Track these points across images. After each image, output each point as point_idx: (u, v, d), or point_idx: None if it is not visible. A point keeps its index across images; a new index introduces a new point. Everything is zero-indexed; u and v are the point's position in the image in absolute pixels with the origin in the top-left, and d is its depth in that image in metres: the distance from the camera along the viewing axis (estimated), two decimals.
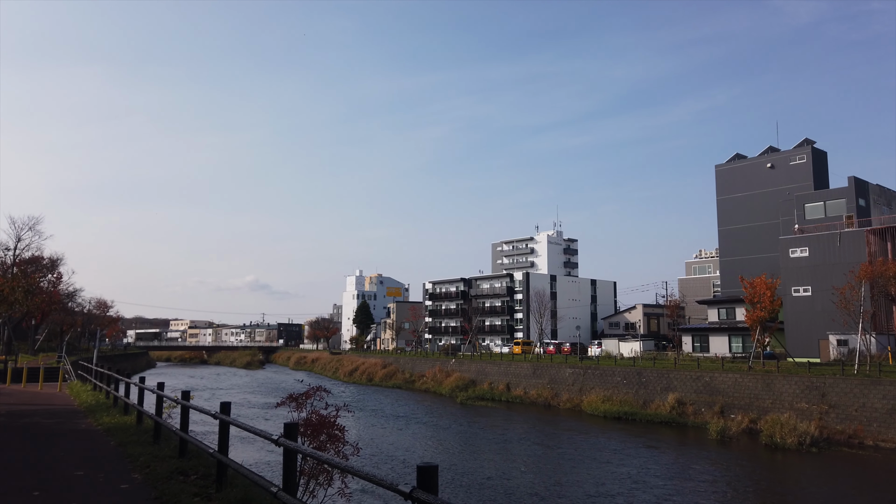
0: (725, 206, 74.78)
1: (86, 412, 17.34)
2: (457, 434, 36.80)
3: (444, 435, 36.34)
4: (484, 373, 61.23)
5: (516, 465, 28.08)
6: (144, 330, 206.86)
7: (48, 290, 61.92)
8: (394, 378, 73.36)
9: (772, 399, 37.03)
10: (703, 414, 39.67)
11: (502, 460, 29.07)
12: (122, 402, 17.04)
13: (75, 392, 23.79)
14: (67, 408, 19.13)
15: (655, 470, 27.06)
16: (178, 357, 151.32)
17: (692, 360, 49.76)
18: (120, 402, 17.40)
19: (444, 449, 31.73)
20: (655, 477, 25.74)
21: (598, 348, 64.55)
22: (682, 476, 26.15)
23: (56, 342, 70.32)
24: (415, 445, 32.62)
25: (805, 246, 51.91)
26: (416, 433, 36.96)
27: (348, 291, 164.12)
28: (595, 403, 45.71)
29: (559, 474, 26.20)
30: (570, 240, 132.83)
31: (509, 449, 32.04)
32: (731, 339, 56.55)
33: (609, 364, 51.04)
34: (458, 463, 27.99)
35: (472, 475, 25.51)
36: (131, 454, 9.99)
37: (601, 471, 26.65)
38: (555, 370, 53.58)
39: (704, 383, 41.38)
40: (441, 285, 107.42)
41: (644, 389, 44.78)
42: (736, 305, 58.49)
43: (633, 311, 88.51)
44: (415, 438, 34.90)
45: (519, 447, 32.51)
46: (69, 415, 17.19)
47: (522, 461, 28.81)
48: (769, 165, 71.58)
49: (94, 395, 21.19)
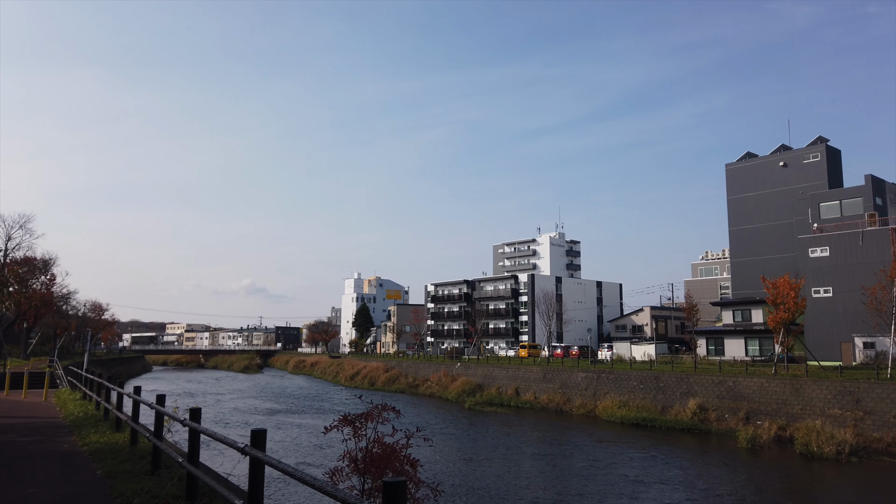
0: (736, 205, 73.13)
1: (71, 427, 15.30)
2: (469, 441, 34.84)
3: (456, 443, 34.39)
4: (491, 377, 59.32)
5: (536, 475, 26.17)
6: (140, 333, 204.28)
7: (41, 291, 59.89)
8: (397, 382, 71.42)
9: (801, 405, 35.21)
10: (726, 420, 37.84)
11: (521, 470, 27.18)
12: (113, 415, 14.96)
13: (62, 401, 21.72)
14: (50, 421, 17.05)
15: (688, 482, 25.19)
16: (175, 361, 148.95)
17: (712, 364, 47.94)
18: (112, 415, 15.26)
19: (457, 457, 29.74)
20: (690, 489, 23.87)
21: (608, 351, 62.64)
22: (719, 489, 24.27)
23: (50, 346, 68.16)
24: (425, 454, 30.66)
25: (825, 245, 50.13)
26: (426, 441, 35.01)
27: (347, 294, 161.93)
28: (611, 409, 43.86)
29: (583, 485, 24.30)
30: (572, 241, 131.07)
31: (526, 458, 30.13)
32: (748, 341, 54.74)
33: (624, 368, 49.19)
34: (472, 472, 26.05)
35: (491, 487, 23.61)
36: (122, 491, 7.95)
37: (627, 482, 24.76)
38: (566, 374, 51.70)
39: (727, 388, 39.54)
40: (443, 287, 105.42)
41: (662, 394, 42.94)
42: (752, 307, 56.72)
43: (640, 314, 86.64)
44: (424, 446, 32.93)
45: (536, 456, 30.58)
46: (51, 431, 14.99)
47: (542, 471, 26.91)
48: (782, 164, 69.95)
49: (83, 406, 19.13)
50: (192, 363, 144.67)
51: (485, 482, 24.77)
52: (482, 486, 24.28)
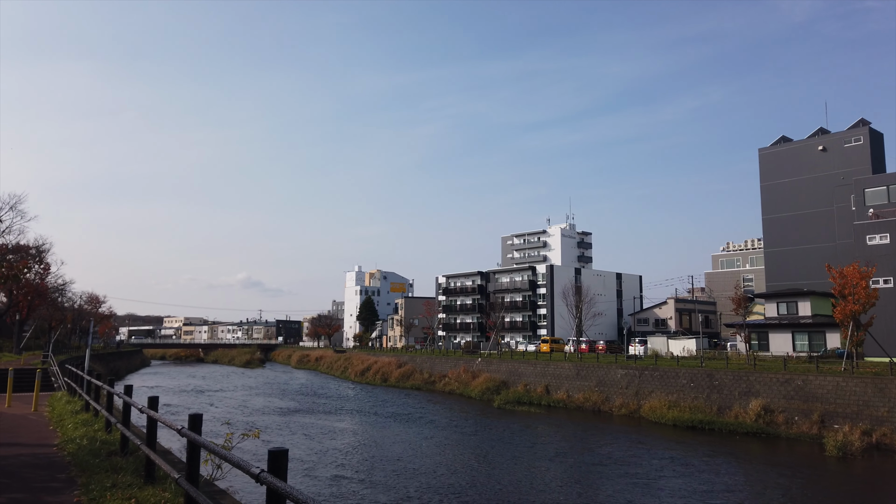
0: (770, 192, 69.25)
1: (72, 466, 9.90)
2: (519, 447, 30.87)
3: (506, 449, 30.44)
4: (516, 373, 55.47)
5: (604, 484, 22.27)
6: (137, 327, 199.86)
7: (35, 282, 55.83)
8: (411, 379, 67.53)
9: (888, 407, 31.41)
10: (797, 424, 34.03)
11: (588, 479, 23.25)
12: (134, 445, 9.65)
13: (58, 414, 16.53)
14: (39, 455, 11.21)
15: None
16: (174, 355, 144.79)
17: (762, 361, 44.20)
18: (132, 445, 9.85)
19: (517, 465, 25.74)
20: None
21: (640, 346, 58.79)
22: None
23: (44, 339, 64.04)
24: (471, 466, 26.75)
25: (885, 232, 46.39)
26: (461, 446, 31.14)
27: (349, 287, 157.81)
28: (659, 410, 40.07)
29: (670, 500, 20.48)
30: (584, 233, 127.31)
31: (586, 465, 26.16)
32: (795, 335, 50.98)
33: (670, 365, 45.38)
34: (545, 484, 22.14)
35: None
36: None
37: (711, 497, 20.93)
38: (603, 371, 47.89)
39: (795, 387, 35.73)
40: (455, 279, 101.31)
41: (717, 394, 39.14)
42: (798, 299, 52.93)
43: (664, 307, 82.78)
44: (461, 453, 29.07)
45: (594, 463, 26.58)
46: (39, 477, 9.45)
47: (610, 480, 22.97)
48: (821, 148, 66.07)
49: (87, 425, 13.60)
50: (192, 357, 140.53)
51: (564, 496, 20.88)
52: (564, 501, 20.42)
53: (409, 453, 29.03)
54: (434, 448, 30.85)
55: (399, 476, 23.86)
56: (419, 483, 22.81)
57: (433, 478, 23.79)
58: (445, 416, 43.16)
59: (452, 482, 23.10)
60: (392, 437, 33.92)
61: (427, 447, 31.07)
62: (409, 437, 33.90)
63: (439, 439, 33.56)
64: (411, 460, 27.18)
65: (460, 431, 36.60)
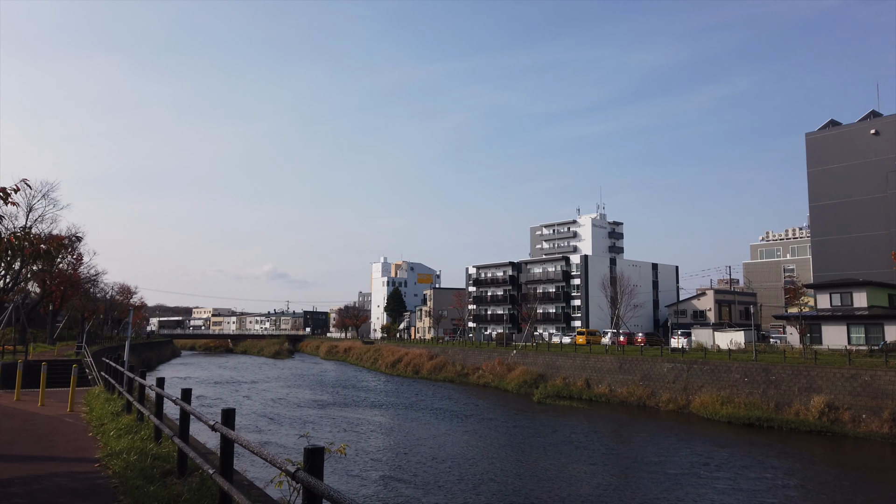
0: (818, 178, 66.33)
1: (120, 495, 7.69)
2: (575, 447, 29.29)
3: (552, 447, 28.86)
4: (554, 366, 53.80)
5: (676, 487, 20.60)
6: (167, 318, 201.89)
7: (68, 272, 55.55)
8: (444, 371, 66.24)
9: None
10: (865, 422, 31.95)
11: (653, 481, 21.59)
12: (194, 464, 7.96)
13: (97, 416, 14.44)
14: (78, 476, 8.94)
15: None
16: (203, 345, 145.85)
17: (819, 354, 41.94)
18: (190, 463, 8.18)
19: (585, 470, 24.17)
20: None
21: (683, 339, 56.62)
22: None
23: (77, 330, 63.96)
24: (527, 466, 25.25)
25: None
26: (510, 447, 29.66)
27: (376, 278, 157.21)
28: (712, 406, 38.18)
29: None
30: (615, 223, 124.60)
31: (645, 465, 24.45)
32: (851, 328, 48.50)
33: (721, 358, 43.34)
34: (615, 490, 20.57)
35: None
36: None
37: None
38: (647, 364, 46.01)
39: (862, 383, 33.56)
40: (486, 270, 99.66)
41: (775, 389, 37.09)
42: (853, 290, 50.36)
43: (702, 298, 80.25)
44: (512, 453, 27.57)
45: (655, 463, 24.85)
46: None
47: (680, 482, 21.28)
48: (873, 132, 62.96)
49: (132, 432, 11.50)
50: (221, 348, 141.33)
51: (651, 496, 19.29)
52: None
53: (458, 452, 27.61)
54: (482, 447, 29.41)
55: (451, 477, 22.44)
56: (487, 487, 21.37)
57: (496, 484, 22.33)
58: (486, 411, 41.73)
59: (518, 487, 21.62)
60: (434, 433, 32.56)
61: (475, 445, 29.65)
62: (454, 435, 32.50)
63: (485, 435, 32.11)
64: (461, 460, 25.75)
65: (504, 427, 35.11)
